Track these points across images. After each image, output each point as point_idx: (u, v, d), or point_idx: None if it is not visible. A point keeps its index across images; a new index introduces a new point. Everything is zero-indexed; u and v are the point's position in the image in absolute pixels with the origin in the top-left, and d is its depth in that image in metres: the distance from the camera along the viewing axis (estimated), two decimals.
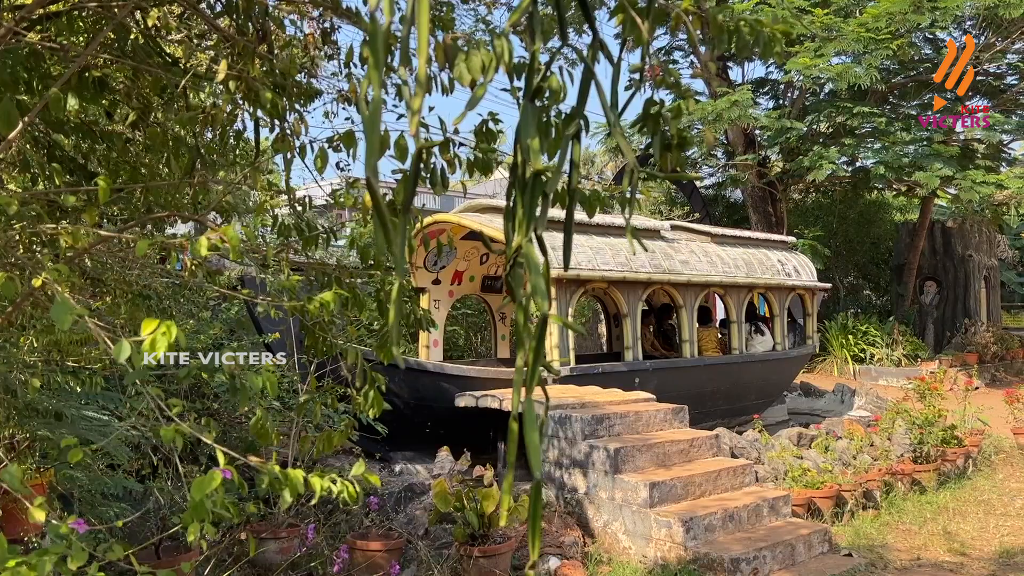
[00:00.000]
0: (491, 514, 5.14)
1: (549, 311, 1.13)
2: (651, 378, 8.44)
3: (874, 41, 13.35)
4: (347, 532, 5.52)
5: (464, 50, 1.16)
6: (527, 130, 1.17)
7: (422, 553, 5.27)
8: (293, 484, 1.79)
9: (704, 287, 9.23)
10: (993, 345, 17.00)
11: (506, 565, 5.12)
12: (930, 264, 18.90)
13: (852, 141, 15.14)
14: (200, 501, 1.61)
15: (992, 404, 10.53)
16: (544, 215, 1.20)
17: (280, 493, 1.75)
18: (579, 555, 5.48)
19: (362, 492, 1.96)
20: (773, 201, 17.79)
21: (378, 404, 2.29)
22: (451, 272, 9.25)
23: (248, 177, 2.07)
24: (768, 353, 10.24)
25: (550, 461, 6.18)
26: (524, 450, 1.22)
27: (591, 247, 8.14)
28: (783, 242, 11.42)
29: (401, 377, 7.09)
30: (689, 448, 6.32)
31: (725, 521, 5.56)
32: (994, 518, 6.66)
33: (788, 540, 5.49)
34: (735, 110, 14.64)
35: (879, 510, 6.76)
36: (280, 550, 5.20)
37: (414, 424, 7.20)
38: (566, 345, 7.69)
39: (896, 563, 5.56)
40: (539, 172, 1.16)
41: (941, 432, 7.80)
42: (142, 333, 1.38)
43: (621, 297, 8.30)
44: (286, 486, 1.77)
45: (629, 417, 6.37)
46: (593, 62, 1.35)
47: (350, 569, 5.15)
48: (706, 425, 8.31)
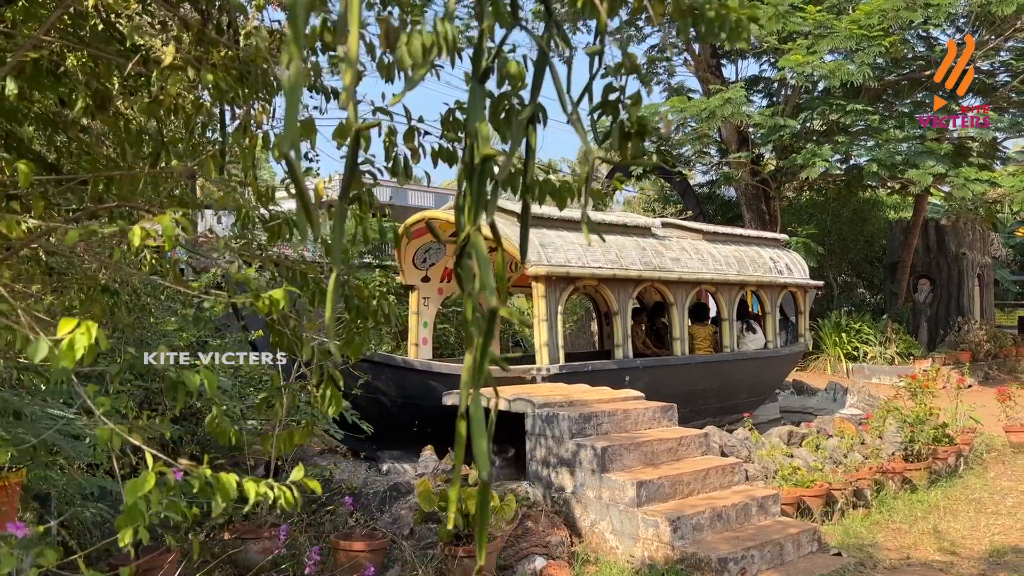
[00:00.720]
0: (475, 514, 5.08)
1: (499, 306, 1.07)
2: (641, 376, 8.38)
3: (867, 38, 13.32)
4: (331, 532, 5.45)
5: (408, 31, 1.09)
6: (474, 113, 1.11)
7: (407, 553, 5.21)
8: (224, 490, 1.73)
9: (695, 285, 9.18)
10: (986, 343, 17.00)
11: (491, 565, 5.06)
12: (924, 262, 18.89)
13: (845, 139, 15.12)
14: (134, 504, 1.54)
15: (985, 402, 10.51)
16: (494, 203, 1.14)
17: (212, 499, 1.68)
18: (565, 555, 5.42)
19: (300, 498, 1.89)
20: (767, 199, 17.75)
21: (336, 402, 2.22)
22: (441, 269, 9.18)
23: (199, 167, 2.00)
24: (760, 351, 10.19)
25: (537, 460, 6.12)
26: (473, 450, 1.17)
27: (581, 244, 8.08)
28: (775, 239, 11.38)
29: (388, 375, 7.03)
30: (678, 447, 6.27)
31: (713, 520, 5.50)
32: (985, 517, 6.61)
33: (777, 539, 5.44)
34: (728, 107, 14.60)
35: (869, 509, 6.72)
36: (262, 550, 5.13)
37: (401, 423, 7.14)
38: (555, 343, 7.63)
39: (885, 562, 5.51)
40: (487, 157, 1.10)
41: (932, 430, 7.76)
42: (59, 332, 1.32)
43: (611, 295, 8.24)
44: (217, 491, 1.70)
45: (617, 415, 6.32)
46: (548, 44, 1.28)
47: (333, 570, 5.09)
48: (697, 423, 8.26)
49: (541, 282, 7.54)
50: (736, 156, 16.44)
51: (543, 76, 1.25)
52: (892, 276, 19.15)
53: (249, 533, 5.18)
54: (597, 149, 1.26)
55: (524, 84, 1.49)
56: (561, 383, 7.44)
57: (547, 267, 7.50)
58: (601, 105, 1.40)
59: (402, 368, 7.09)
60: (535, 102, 1.25)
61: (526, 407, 6.23)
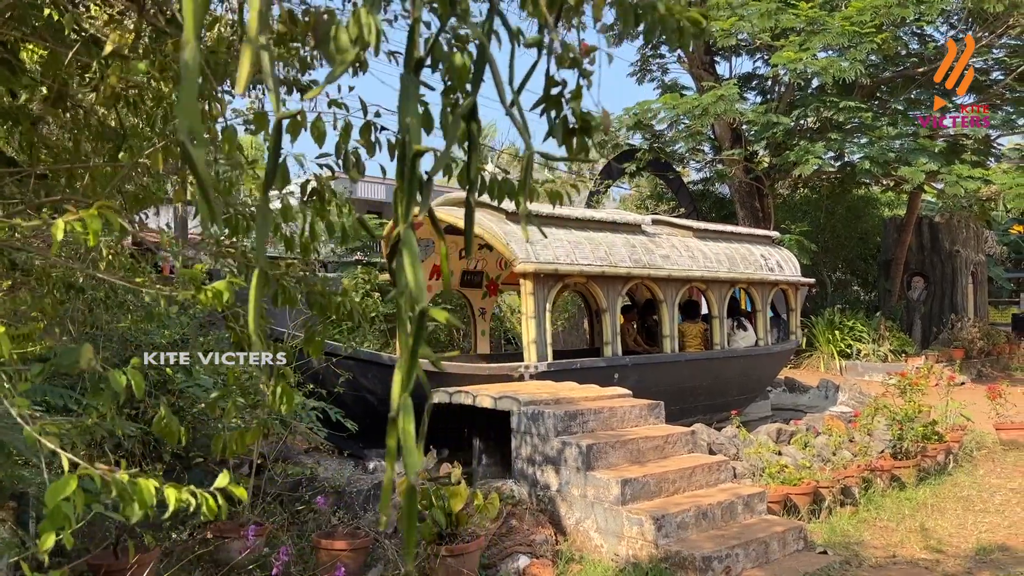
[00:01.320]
0: (459, 513, 5.05)
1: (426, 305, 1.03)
2: (630, 374, 8.35)
3: (859, 35, 13.29)
4: (315, 531, 5.42)
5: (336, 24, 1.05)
6: (406, 106, 1.07)
7: (389, 552, 5.18)
8: (142, 496, 1.68)
9: (685, 282, 9.15)
10: (979, 340, 16.99)
11: (474, 564, 5.03)
12: (917, 259, 18.88)
13: (838, 136, 15.09)
14: (56, 507, 1.50)
15: (976, 400, 10.50)
16: (427, 198, 1.10)
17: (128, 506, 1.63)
18: (550, 553, 5.39)
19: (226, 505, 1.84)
20: (760, 196, 17.73)
21: (288, 399, 2.18)
22: (429, 266, 9.14)
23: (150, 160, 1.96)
24: (750, 348, 10.17)
25: (523, 458, 6.09)
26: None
27: (570, 241, 8.04)
28: (766, 237, 11.35)
29: (374, 373, 6.99)
30: (664, 444, 6.24)
31: (698, 519, 5.48)
32: (972, 514, 6.60)
33: (762, 538, 5.41)
34: (721, 104, 14.57)
35: (857, 507, 6.69)
36: (242, 549, 5.09)
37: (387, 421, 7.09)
38: (544, 340, 7.59)
39: (871, 560, 5.49)
40: (420, 152, 1.07)
41: (921, 428, 7.74)
42: None
43: (600, 292, 8.21)
44: (134, 499, 1.66)
45: (603, 413, 6.29)
46: (489, 35, 1.25)
47: (315, 569, 5.05)
48: (687, 421, 8.23)
49: (529, 279, 7.50)
50: (729, 153, 16.41)
51: (483, 69, 1.21)
52: (886, 273, 19.14)
53: (230, 532, 5.14)
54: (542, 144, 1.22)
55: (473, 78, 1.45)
56: (549, 381, 7.41)
57: (535, 264, 7.47)
58: (544, 99, 1.36)
59: (388, 366, 7.05)
60: (475, 95, 1.21)
61: (512, 405, 6.20)
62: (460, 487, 5.06)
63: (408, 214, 1.05)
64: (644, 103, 16.05)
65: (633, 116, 16.10)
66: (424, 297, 1.02)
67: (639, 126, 16.37)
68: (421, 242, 8.88)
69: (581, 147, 1.39)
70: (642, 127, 16.44)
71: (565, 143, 1.39)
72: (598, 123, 1.38)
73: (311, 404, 5.85)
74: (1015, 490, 7.35)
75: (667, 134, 17.16)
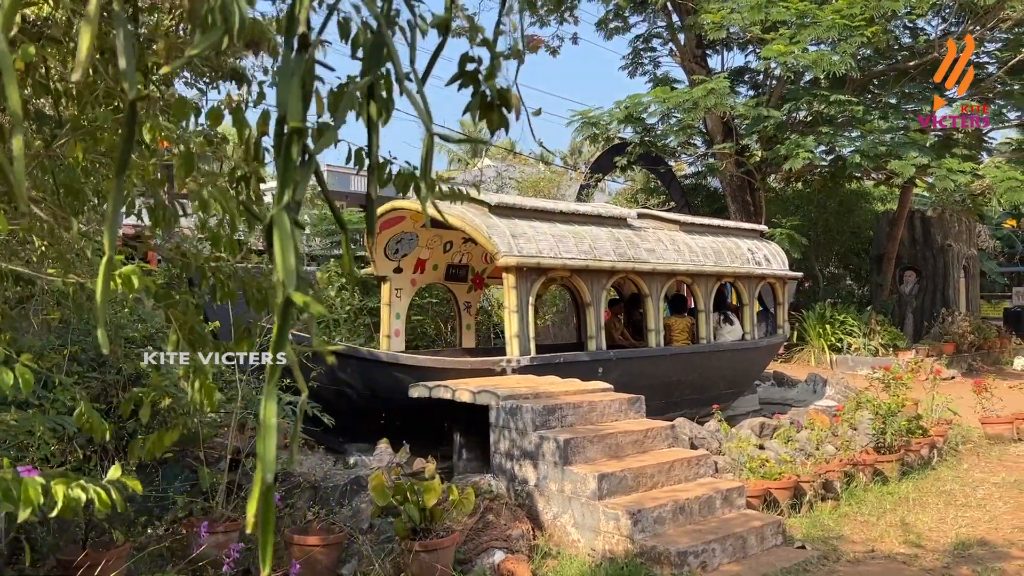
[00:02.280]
0: (433, 508, 5.01)
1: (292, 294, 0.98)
2: (615, 368, 8.32)
3: (849, 28, 13.24)
4: (289, 526, 5.38)
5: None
6: (285, 83, 1.03)
7: (364, 548, 5.14)
8: (27, 494, 1.63)
9: (671, 276, 9.11)
10: (970, 334, 16.99)
11: (449, 559, 4.99)
12: (910, 254, 18.86)
13: (829, 130, 15.04)
14: None
15: (963, 394, 10.48)
16: (305, 181, 1.05)
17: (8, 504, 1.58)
18: (526, 548, 5.36)
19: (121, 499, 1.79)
20: (751, 190, 17.69)
21: (208, 395, 2.14)
22: (413, 260, 9.09)
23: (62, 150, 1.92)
24: (737, 343, 10.14)
25: (501, 452, 6.05)
26: None
27: (553, 234, 8.00)
28: (754, 230, 11.31)
29: (354, 367, 6.95)
30: (643, 439, 6.21)
31: (675, 513, 5.45)
32: (954, 509, 6.57)
33: (739, 532, 5.39)
34: (711, 98, 14.52)
35: (838, 501, 6.67)
36: (216, 545, 5.06)
37: (368, 416, 7.06)
38: (526, 334, 7.55)
39: (849, 555, 5.47)
40: (296, 131, 1.02)
41: (905, 422, 7.72)
42: None
43: (584, 286, 8.17)
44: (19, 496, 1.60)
45: (583, 407, 6.25)
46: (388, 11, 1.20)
47: (288, 565, 5.01)
48: (673, 415, 8.20)
49: (512, 273, 7.45)
50: (721, 147, 16.37)
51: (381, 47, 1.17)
52: (878, 268, 19.13)
53: (204, 527, 5.09)
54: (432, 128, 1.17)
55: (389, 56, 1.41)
56: (531, 375, 7.37)
57: (517, 258, 7.42)
58: (459, 76, 1.32)
59: (367, 360, 7.01)
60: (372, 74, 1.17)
61: (490, 399, 6.16)
62: (434, 482, 5.03)
63: (283, 197, 1.00)
64: (635, 96, 16.00)
65: (624, 109, 16.05)
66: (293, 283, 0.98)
67: (630, 119, 16.31)
68: (404, 236, 8.84)
69: (500, 122, 1.35)
70: (633, 120, 16.39)
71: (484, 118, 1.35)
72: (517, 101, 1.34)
73: (286, 399, 5.81)
74: (997, 484, 7.33)
75: (658, 128, 17.11)
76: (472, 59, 1.32)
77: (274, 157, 1.05)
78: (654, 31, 19.02)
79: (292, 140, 1.02)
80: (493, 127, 1.35)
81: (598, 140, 17.60)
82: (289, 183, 1.02)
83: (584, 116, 16.47)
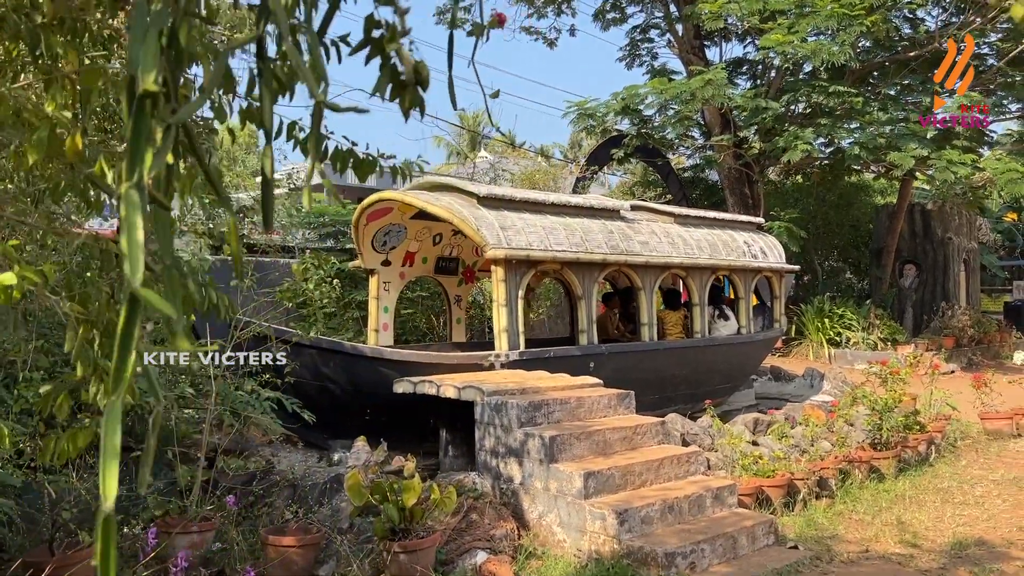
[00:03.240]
0: (413, 507, 4.86)
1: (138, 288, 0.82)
2: (607, 362, 8.16)
3: (848, 17, 13.04)
4: (267, 525, 5.23)
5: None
6: (137, 35, 0.86)
7: (342, 548, 4.99)
8: None
9: (664, 268, 8.94)
10: (970, 328, 16.81)
11: (429, 561, 4.84)
12: (910, 247, 18.67)
13: (828, 121, 14.85)
14: None
15: (963, 388, 10.32)
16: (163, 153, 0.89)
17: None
18: (510, 549, 5.21)
19: None
20: (750, 183, 17.50)
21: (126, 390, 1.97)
22: (402, 253, 8.92)
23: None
24: (732, 337, 9.98)
25: (486, 450, 5.90)
26: None
27: (543, 226, 7.83)
28: (750, 223, 11.14)
29: (337, 362, 6.79)
30: (633, 436, 6.05)
31: (664, 512, 5.29)
32: (951, 507, 6.42)
33: (730, 532, 5.23)
34: (709, 89, 14.34)
35: (833, 499, 6.51)
36: (189, 544, 4.90)
37: (352, 412, 6.90)
38: (515, 329, 7.39)
39: (843, 556, 5.31)
40: (149, 94, 0.86)
41: (902, 418, 7.56)
42: None
43: (575, 279, 8.00)
44: None
45: (570, 403, 6.10)
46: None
47: (264, 566, 4.86)
48: (667, 411, 8.04)
49: (500, 266, 7.29)
50: (719, 139, 16.17)
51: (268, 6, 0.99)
52: (877, 261, 18.94)
53: (178, 527, 4.94)
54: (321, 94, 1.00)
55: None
56: (520, 370, 7.22)
57: (506, 250, 7.25)
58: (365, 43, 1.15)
59: (351, 355, 6.85)
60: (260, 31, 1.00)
61: (475, 395, 6.01)
62: (413, 481, 4.87)
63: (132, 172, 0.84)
64: (631, 87, 15.81)
65: (620, 101, 15.85)
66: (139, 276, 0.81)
67: (627, 111, 16.12)
68: (392, 228, 8.67)
69: (414, 101, 1.18)
70: (630, 112, 16.19)
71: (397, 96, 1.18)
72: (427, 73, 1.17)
73: (265, 394, 5.65)
74: (996, 481, 7.18)
75: (656, 120, 16.92)
76: (378, 23, 1.15)
77: (124, 124, 0.88)
78: (652, 21, 18.82)
79: (144, 105, 0.85)
80: (406, 107, 1.18)
81: (594, 132, 17.42)
82: (139, 157, 0.85)
83: (580, 107, 16.28)
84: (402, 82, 1.14)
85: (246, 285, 5.14)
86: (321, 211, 12.20)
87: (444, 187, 8.10)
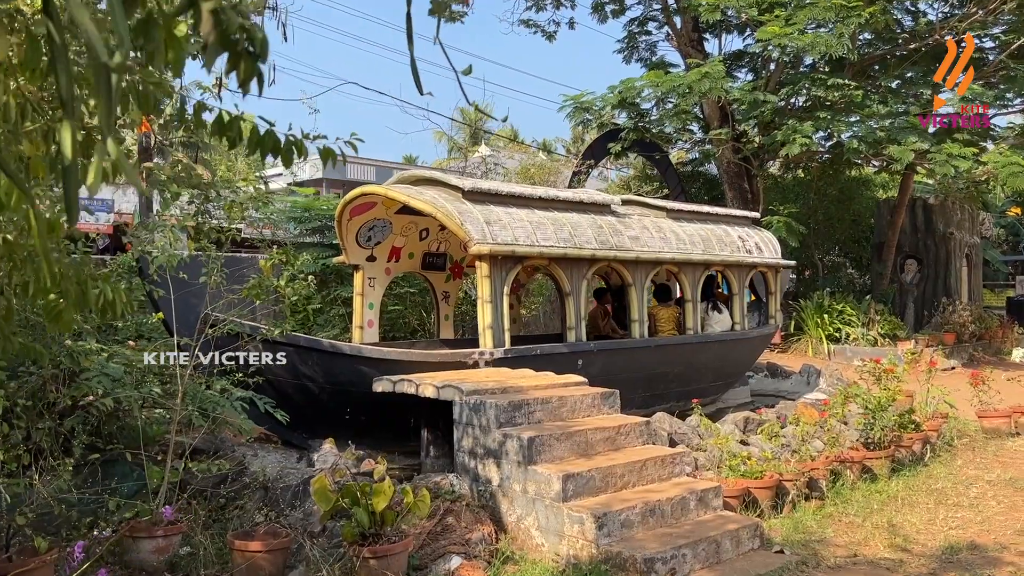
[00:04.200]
0: (383, 511, 4.70)
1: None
2: (596, 360, 7.99)
3: (846, 8, 12.83)
4: (236, 528, 5.08)
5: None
6: None
7: (313, 552, 4.84)
8: None
9: (656, 264, 8.76)
10: (971, 324, 16.61)
11: (400, 566, 4.69)
12: (911, 242, 18.46)
13: (827, 115, 14.63)
14: None
15: (963, 386, 10.12)
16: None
17: None
18: (486, 553, 5.05)
19: None
20: (749, 177, 17.30)
21: None
22: (387, 248, 8.76)
23: None
24: (726, 333, 9.80)
25: (465, 451, 5.74)
26: None
27: (531, 221, 7.66)
28: (746, 217, 10.95)
29: (315, 360, 6.64)
30: (616, 436, 5.89)
31: (645, 516, 5.13)
32: (945, 509, 6.24)
33: (713, 536, 5.07)
34: (706, 82, 14.14)
35: (823, 500, 6.34)
36: (155, 549, 4.76)
37: (332, 411, 6.75)
38: (500, 326, 7.23)
39: (830, 560, 5.14)
40: None
41: (896, 417, 7.38)
42: None
43: (563, 274, 7.83)
44: None
45: (552, 403, 5.93)
46: None
47: (231, 571, 4.72)
48: (659, 409, 7.88)
49: (485, 261, 7.12)
50: (716, 133, 15.96)
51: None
52: (878, 256, 18.73)
53: (142, 532, 4.79)
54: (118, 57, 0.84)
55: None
56: (505, 368, 7.05)
57: (491, 245, 7.09)
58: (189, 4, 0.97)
59: (329, 353, 6.70)
60: None
61: (454, 395, 5.85)
62: (384, 484, 4.71)
63: None
64: (628, 80, 15.61)
65: (617, 94, 15.66)
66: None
67: (623, 104, 15.92)
68: (377, 222, 8.50)
69: (250, 73, 1.01)
70: (627, 105, 15.99)
71: (232, 69, 1.01)
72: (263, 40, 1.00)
73: (237, 393, 5.50)
74: (992, 482, 7.00)
75: (653, 113, 16.72)
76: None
77: None
78: (650, 13, 18.60)
79: None
80: (242, 78, 1.01)
81: (591, 126, 17.22)
82: None
83: (576, 101, 16.09)
84: (232, 46, 0.98)
85: (214, 282, 4.97)
86: (307, 206, 12.04)
87: (430, 181, 7.94)
